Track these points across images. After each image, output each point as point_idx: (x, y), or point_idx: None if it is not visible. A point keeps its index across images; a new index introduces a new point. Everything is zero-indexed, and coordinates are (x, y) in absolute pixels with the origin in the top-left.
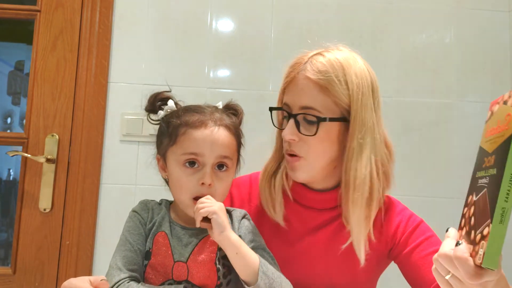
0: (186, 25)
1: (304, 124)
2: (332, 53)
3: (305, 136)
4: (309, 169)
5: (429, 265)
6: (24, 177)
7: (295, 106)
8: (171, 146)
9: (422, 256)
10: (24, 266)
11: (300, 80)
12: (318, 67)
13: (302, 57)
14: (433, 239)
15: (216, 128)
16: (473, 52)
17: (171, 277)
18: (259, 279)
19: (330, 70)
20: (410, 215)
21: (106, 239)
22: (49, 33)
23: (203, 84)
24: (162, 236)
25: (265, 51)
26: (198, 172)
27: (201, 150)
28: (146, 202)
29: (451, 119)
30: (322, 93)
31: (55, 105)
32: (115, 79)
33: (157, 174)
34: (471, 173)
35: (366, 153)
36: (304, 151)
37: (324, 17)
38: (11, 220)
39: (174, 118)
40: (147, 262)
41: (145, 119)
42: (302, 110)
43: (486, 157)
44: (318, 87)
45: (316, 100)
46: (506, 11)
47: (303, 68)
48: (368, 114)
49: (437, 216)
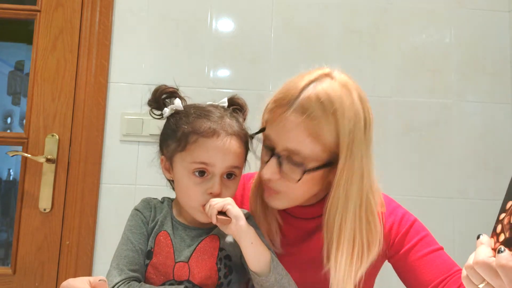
0: (186, 25)
1: (287, 164)
2: (326, 85)
3: (285, 176)
4: (288, 202)
5: (425, 266)
6: (24, 177)
7: (279, 145)
8: (179, 152)
9: (418, 257)
10: (24, 266)
11: (288, 120)
12: (309, 107)
13: (292, 91)
14: (427, 238)
15: (228, 139)
16: (473, 52)
17: (172, 277)
18: (271, 272)
19: (320, 113)
20: (402, 214)
21: (106, 239)
22: (49, 33)
23: (203, 84)
24: (164, 236)
25: (265, 51)
26: (207, 181)
27: (212, 161)
28: (148, 200)
29: (451, 119)
30: (310, 139)
31: (55, 105)
32: (115, 79)
33: (157, 174)
34: (470, 172)
35: (352, 205)
36: (284, 187)
37: (324, 17)
38: (11, 220)
39: (184, 124)
40: (148, 261)
41: (145, 119)
42: (286, 152)
43: None
44: (307, 133)
45: (303, 145)
46: (506, 11)
47: (293, 104)
48: (357, 163)
49: (437, 216)
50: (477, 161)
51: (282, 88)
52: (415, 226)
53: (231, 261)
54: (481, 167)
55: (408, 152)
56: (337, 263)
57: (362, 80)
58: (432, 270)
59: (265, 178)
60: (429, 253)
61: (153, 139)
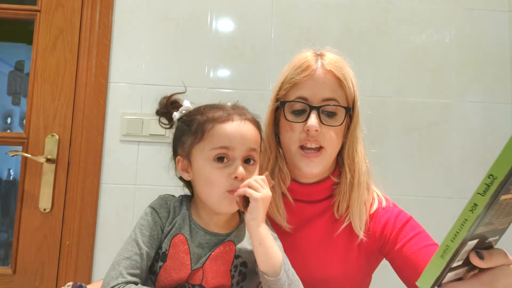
0: (186, 25)
1: (324, 116)
2: (332, 53)
3: (326, 127)
4: (325, 161)
5: (423, 257)
6: (24, 177)
7: (316, 99)
8: (197, 144)
9: (416, 250)
10: (24, 266)
11: (321, 74)
12: (334, 62)
13: (308, 55)
14: (423, 234)
15: (243, 122)
16: (473, 52)
17: (185, 281)
18: (280, 275)
19: (342, 66)
20: (398, 212)
21: (106, 239)
22: (49, 33)
23: (203, 84)
24: (181, 241)
25: (265, 51)
26: (228, 167)
27: (232, 144)
28: (166, 199)
29: (451, 119)
30: (339, 86)
31: (55, 105)
32: (115, 79)
33: (157, 174)
34: (470, 172)
35: (361, 146)
36: (326, 141)
37: (324, 17)
38: (11, 220)
39: (198, 115)
40: (162, 263)
41: (145, 119)
42: (324, 102)
43: None
44: (338, 81)
45: (336, 93)
46: (506, 11)
47: (319, 63)
48: (359, 109)
49: (437, 216)
50: (477, 161)
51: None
52: (411, 223)
53: (246, 268)
54: (481, 167)
55: (408, 152)
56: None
57: (362, 80)
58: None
59: (313, 130)
60: (426, 247)
61: (153, 139)
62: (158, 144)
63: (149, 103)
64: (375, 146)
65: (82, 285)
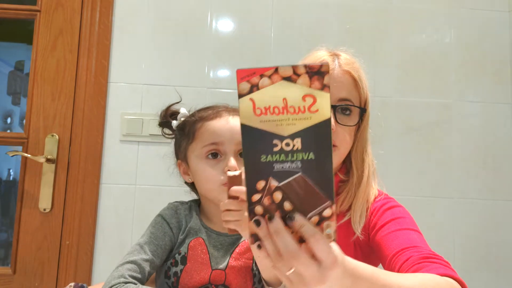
0: (186, 25)
1: (339, 116)
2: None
3: (341, 126)
4: (337, 159)
5: (387, 241)
6: (24, 177)
7: (332, 98)
8: (190, 144)
9: (385, 234)
10: (24, 266)
11: (339, 74)
12: (351, 63)
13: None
14: (401, 220)
15: (231, 117)
16: (473, 52)
17: (207, 282)
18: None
19: (357, 67)
20: (386, 202)
21: (106, 239)
22: (49, 33)
23: (203, 84)
24: (200, 243)
25: (265, 51)
26: (221, 162)
27: (221, 139)
28: (176, 208)
29: (451, 119)
30: (355, 87)
31: (55, 105)
32: (115, 79)
33: (157, 174)
34: (470, 172)
35: (370, 147)
36: (339, 140)
37: (324, 17)
38: (11, 220)
39: (189, 118)
40: (183, 266)
41: (145, 119)
42: (340, 102)
43: (277, 140)
44: (354, 82)
45: (351, 93)
46: (506, 11)
47: (337, 63)
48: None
49: (437, 216)
50: (477, 161)
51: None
52: (393, 210)
53: None
54: (481, 167)
55: (408, 152)
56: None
57: None
58: (393, 244)
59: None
60: (397, 230)
61: (153, 139)
62: (158, 144)
63: (149, 103)
64: (375, 146)
65: (83, 285)
